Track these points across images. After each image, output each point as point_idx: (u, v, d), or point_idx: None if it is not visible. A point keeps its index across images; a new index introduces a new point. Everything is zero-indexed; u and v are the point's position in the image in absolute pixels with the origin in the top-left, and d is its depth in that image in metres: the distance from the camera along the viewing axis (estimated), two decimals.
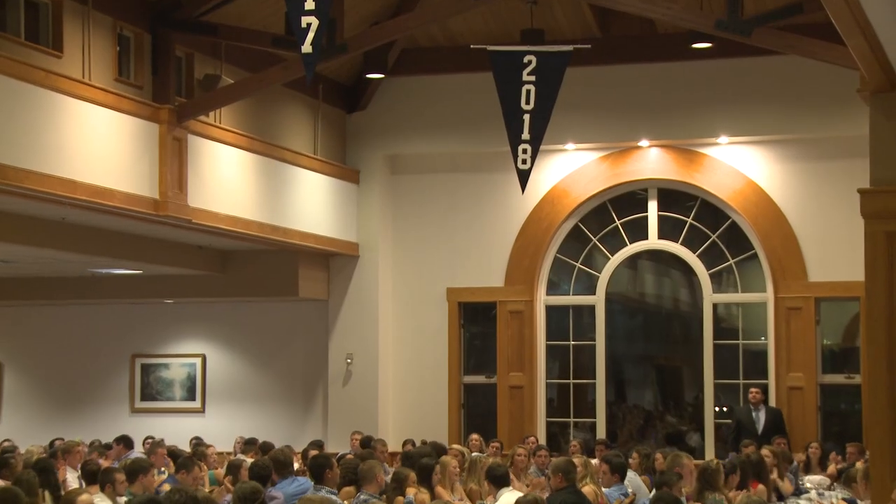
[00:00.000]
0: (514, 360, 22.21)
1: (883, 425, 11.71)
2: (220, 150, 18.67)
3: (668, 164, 21.67)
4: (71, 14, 16.42)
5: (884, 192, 11.76)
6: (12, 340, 24.13)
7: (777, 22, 16.14)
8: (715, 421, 21.76)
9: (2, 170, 14.44)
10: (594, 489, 13.30)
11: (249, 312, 22.92)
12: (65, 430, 21.40)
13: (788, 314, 21.25)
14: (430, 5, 19.07)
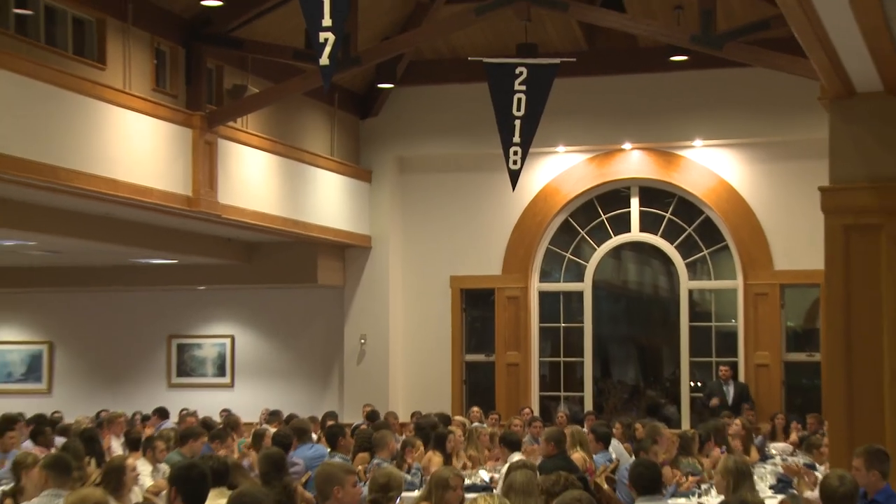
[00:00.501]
0: (510, 340, 22.23)
1: (839, 398, 11.74)
2: (247, 152, 18.69)
3: (649, 165, 21.67)
4: (113, 30, 16.47)
5: (841, 190, 11.77)
6: (62, 323, 24.14)
7: (746, 37, 16.14)
8: (690, 394, 21.80)
9: (52, 170, 14.48)
10: (583, 456, 13.31)
11: (273, 298, 22.90)
12: (109, 403, 21.45)
13: (756, 299, 21.27)
14: (435, 22, 19.09)
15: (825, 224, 11.88)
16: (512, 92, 16.70)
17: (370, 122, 22.48)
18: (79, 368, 24.08)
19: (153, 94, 16.98)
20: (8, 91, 13.94)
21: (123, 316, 23.69)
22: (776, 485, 12.64)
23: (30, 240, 18.05)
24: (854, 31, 9.54)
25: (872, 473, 9.49)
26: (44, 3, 15.64)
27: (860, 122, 11.74)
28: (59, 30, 15.96)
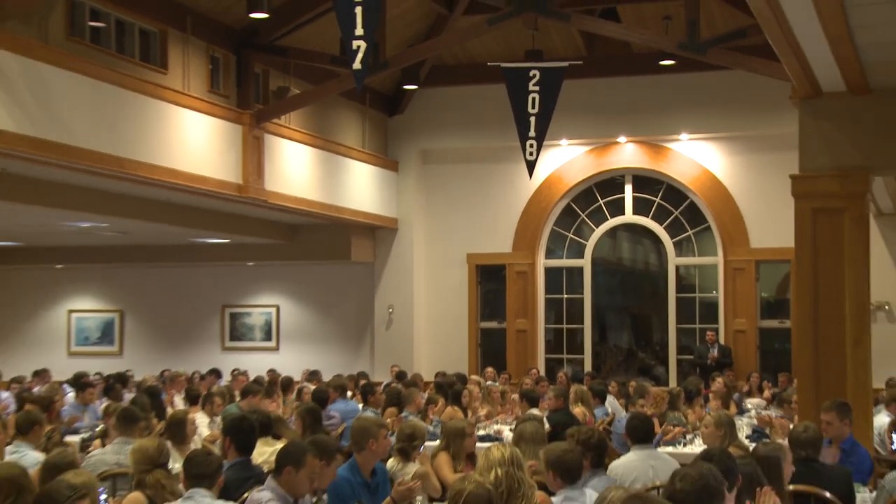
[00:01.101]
0: (519, 309, 22.24)
1: (807, 359, 11.75)
2: (289, 145, 18.72)
3: (641, 156, 21.61)
4: (174, 40, 16.51)
5: (810, 178, 11.78)
6: (130, 294, 24.22)
7: (727, 44, 16.11)
8: (677, 357, 21.82)
9: (121, 161, 14.56)
10: (584, 410, 13.33)
11: (312, 272, 22.91)
12: (171, 363, 21.49)
13: (734, 273, 21.25)
14: (453, 31, 19.07)
15: (795, 207, 11.89)
16: (527, 92, 16.74)
17: (397, 119, 22.47)
18: (145, 333, 24.21)
19: (208, 95, 17.05)
20: (83, 93, 14.02)
21: (183, 288, 23.80)
22: (751, 434, 12.66)
23: (102, 222, 18.12)
24: (821, 40, 9.55)
25: (844, 423, 9.53)
26: (114, 16, 15.68)
27: (826, 118, 11.73)
28: (127, 40, 16.00)
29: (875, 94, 11.50)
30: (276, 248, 21.88)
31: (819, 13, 8.69)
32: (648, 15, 18.93)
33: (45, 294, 24.45)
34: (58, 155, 13.61)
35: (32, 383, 18.18)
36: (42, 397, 13.87)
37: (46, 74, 13.46)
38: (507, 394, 15.83)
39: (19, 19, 13.40)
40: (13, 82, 12.91)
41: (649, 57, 19.50)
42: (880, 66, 10.77)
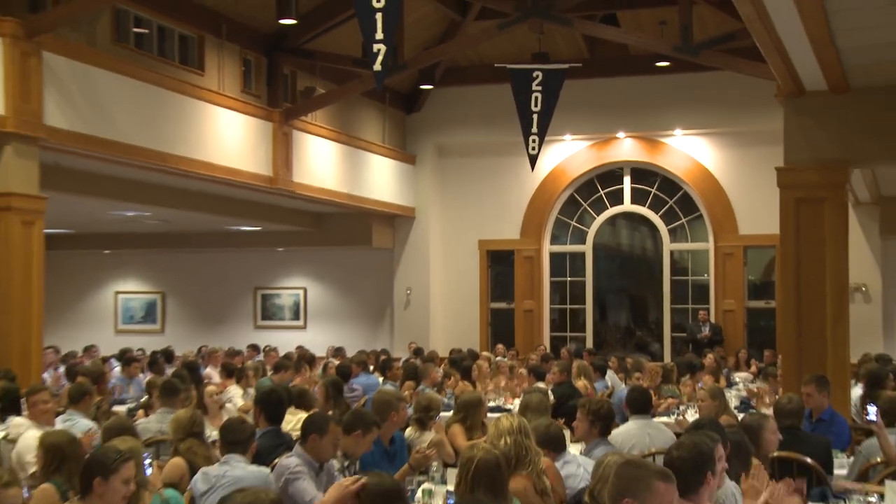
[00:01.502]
0: (526, 291, 22.25)
1: (790, 337, 11.79)
2: (315, 141, 18.74)
3: (638, 150, 21.59)
4: (210, 44, 16.57)
5: (793, 170, 11.79)
6: (171, 276, 24.28)
7: (717, 46, 16.08)
8: (671, 334, 21.83)
9: (162, 156, 14.62)
10: (585, 383, 13.36)
11: (337, 257, 22.93)
12: (208, 340, 21.58)
13: (724, 258, 21.24)
14: (465, 36, 19.06)
15: (780, 197, 11.91)
16: (530, 91, 16.73)
17: (414, 116, 22.48)
18: (184, 313, 24.27)
19: (241, 94, 17.10)
20: (128, 93, 14.08)
21: (218, 271, 23.85)
22: (739, 405, 12.72)
23: (146, 211, 18.22)
24: (804, 43, 9.54)
25: (823, 395, 9.57)
26: (156, 23, 15.75)
27: (809, 115, 11.73)
28: (167, 44, 16.06)
29: (854, 93, 11.51)
30: (303, 235, 21.91)
31: (803, 19, 8.68)
32: (645, 20, 18.89)
33: (93, 277, 24.54)
34: (105, 150, 13.69)
35: (82, 358, 18.27)
36: (91, 370, 13.91)
37: (95, 76, 13.54)
38: (515, 368, 15.89)
39: (70, 26, 13.46)
40: (65, 84, 12.98)
41: (646, 59, 19.44)
42: (859, 68, 10.77)
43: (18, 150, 12.32)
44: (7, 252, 12.27)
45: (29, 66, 12.35)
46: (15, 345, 12.30)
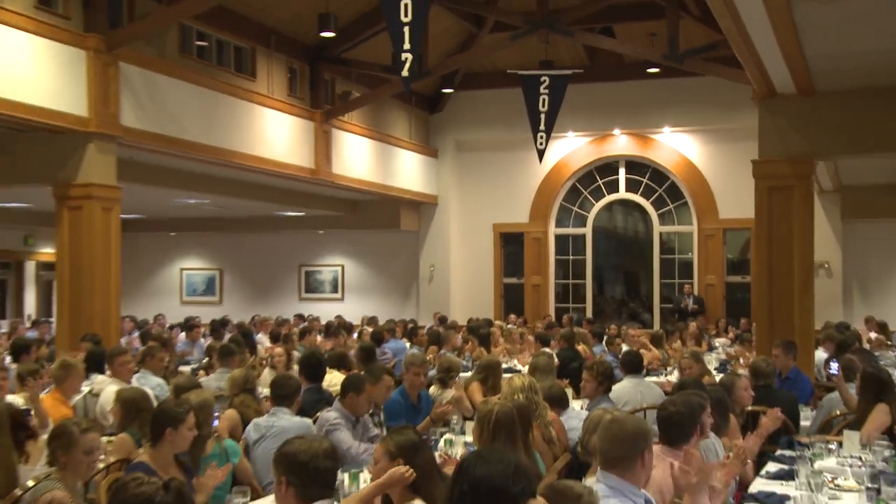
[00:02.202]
0: (534, 268, 22.27)
1: (763, 307, 11.79)
2: (351, 138, 18.81)
3: (632, 145, 21.54)
4: (261, 54, 16.62)
5: (767, 162, 11.79)
6: (227, 255, 24.36)
7: (701, 55, 16.08)
8: (660, 305, 21.84)
9: (219, 151, 14.72)
10: (584, 348, 13.38)
11: (370, 238, 22.98)
12: (259, 310, 21.70)
13: (706, 239, 21.22)
14: (481, 46, 19.06)
15: (755, 186, 11.92)
16: (538, 94, 16.81)
17: (436, 115, 22.46)
18: (239, 286, 24.36)
19: (287, 98, 17.16)
20: (190, 96, 14.19)
21: (268, 251, 23.90)
22: (719, 367, 12.73)
23: (205, 199, 18.30)
24: (776, 52, 9.55)
25: (789, 357, 9.63)
26: (215, 37, 15.81)
27: (780, 114, 11.72)
28: (224, 55, 16.11)
29: (819, 96, 11.50)
30: (340, 219, 21.93)
31: (775, 31, 8.70)
32: (637, 32, 18.85)
33: (162, 256, 24.64)
34: (172, 146, 13.81)
35: (153, 325, 18.43)
36: (161, 336, 14.08)
37: (163, 83, 13.65)
38: (524, 335, 15.92)
39: (143, 40, 13.53)
40: (137, 89, 13.09)
41: (638, 66, 19.43)
42: (823, 74, 10.76)
43: (99, 147, 12.46)
44: (89, 235, 12.42)
45: (108, 75, 12.48)
46: (97, 314, 12.45)
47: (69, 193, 12.44)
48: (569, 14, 16.98)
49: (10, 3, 11.38)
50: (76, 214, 12.47)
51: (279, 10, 16.33)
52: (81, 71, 12.20)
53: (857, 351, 9.83)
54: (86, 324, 12.27)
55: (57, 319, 13.34)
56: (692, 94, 19.80)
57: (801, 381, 9.53)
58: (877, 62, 10.31)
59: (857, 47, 9.70)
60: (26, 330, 17.51)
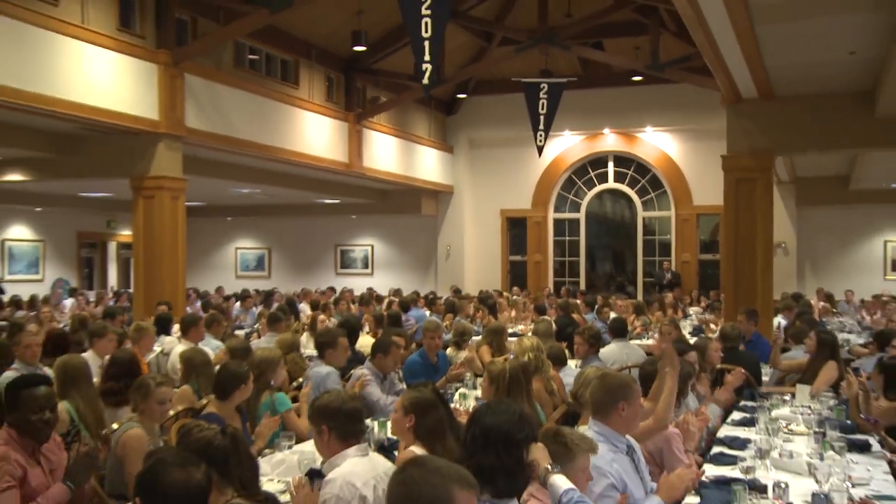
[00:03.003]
0: (535, 247, 22.27)
1: (730, 281, 11.85)
2: (380, 136, 18.84)
3: (619, 142, 21.50)
4: (304, 66, 16.67)
5: (734, 157, 11.83)
6: (274, 236, 24.43)
7: (678, 65, 16.06)
8: (643, 279, 21.87)
9: (269, 148, 14.84)
10: (579, 317, 13.41)
11: (396, 222, 22.98)
12: (302, 283, 21.83)
13: (682, 222, 21.20)
14: (490, 58, 19.03)
15: (724, 178, 11.95)
16: (539, 99, 16.80)
17: (452, 117, 22.42)
18: (285, 263, 24.41)
19: (325, 103, 17.20)
20: (244, 102, 14.29)
21: (309, 232, 23.92)
22: (692, 331, 12.75)
23: (256, 188, 18.39)
24: (742, 63, 9.58)
25: (751, 323, 9.68)
26: (265, 51, 15.86)
27: (745, 116, 11.74)
28: (272, 66, 16.15)
29: (777, 100, 11.53)
30: (370, 206, 21.95)
31: (741, 46, 8.73)
32: (624, 46, 18.77)
33: (220, 237, 24.72)
34: (228, 144, 13.91)
35: (214, 295, 18.59)
36: (220, 305, 14.23)
37: (220, 91, 13.75)
38: (527, 304, 15.98)
39: (204, 55, 13.61)
40: (199, 96, 13.18)
41: (625, 74, 19.31)
42: (781, 82, 10.78)
43: (168, 145, 12.58)
44: (160, 220, 12.55)
45: (175, 85, 12.59)
46: (166, 287, 12.59)
47: (143, 185, 12.58)
48: (565, 30, 16.94)
49: (96, 26, 11.62)
50: (149, 202, 12.60)
51: (318, 28, 16.36)
52: (153, 81, 12.33)
53: (806, 320, 9.87)
54: (157, 294, 12.42)
55: (134, 290, 13.52)
56: (671, 99, 19.72)
57: (761, 344, 9.56)
58: (826, 72, 10.33)
59: (809, 59, 9.71)
60: (109, 299, 17.71)
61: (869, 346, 10.42)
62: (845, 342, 11.38)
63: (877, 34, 8.54)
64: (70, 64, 10.99)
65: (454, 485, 2.42)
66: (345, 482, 3.71)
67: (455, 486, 2.42)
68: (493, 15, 18.28)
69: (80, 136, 12.92)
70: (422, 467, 2.48)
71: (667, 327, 10.06)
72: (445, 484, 2.41)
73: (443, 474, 2.43)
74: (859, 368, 8.23)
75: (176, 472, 2.75)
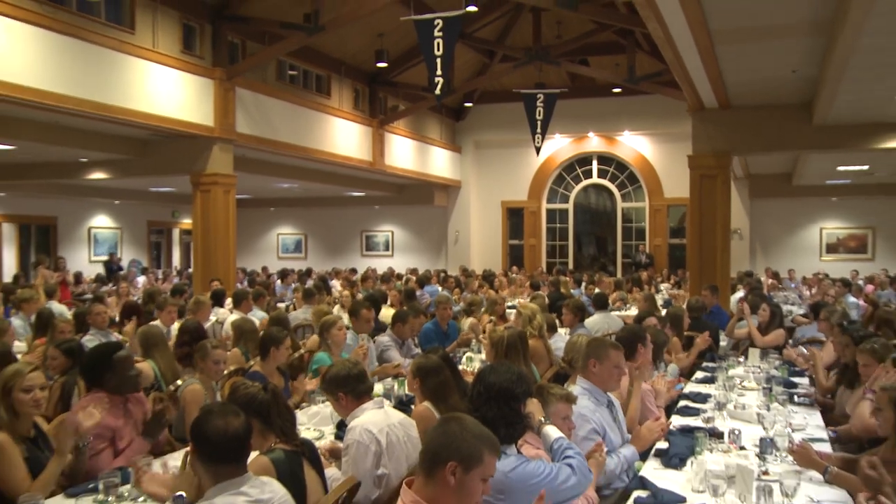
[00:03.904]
0: (531, 233, 22.24)
1: (695, 261, 11.86)
2: (399, 139, 18.80)
3: (602, 144, 21.40)
4: (334, 80, 16.61)
5: (698, 157, 11.84)
6: (309, 224, 24.34)
7: (651, 79, 16.02)
8: (622, 260, 21.87)
9: (305, 150, 14.86)
10: (567, 290, 13.48)
11: (412, 211, 22.91)
12: (333, 263, 21.93)
13: (655, 212, 21.16)
14: (493, 72, 18.97)
15: (690, 174, 11.98)
16: (535, 107, 16.78)
17: (460, 123, 22.33)
18: (319, 246, 24.34)
19: (353, 110, 17.19)
20: (285, 111, 14.33)
21: (338, 220, 23.75)
22: (664, 304, 12.78)
23: (295, 183, 18.43)
24: (704, 78, 9.60)
25: (713, 297, 9.73)
26: (302, 68, 15.84)
27: (707, 122, 11.75)
28: (308, 80, 16.10)
29: (733, 109, 11.54)
30: (390, 198, 21.94)
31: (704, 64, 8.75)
32: (606, 62, 18.69)
33: (264, 224, 24.64)
34: (271, 146, 13.96)
35: (261, 274, 18.70)
36: (264, 281, 14.32)
37: (265, 101, 13.80)
38: (524, 281, 16.02)
39: (251, 72, 13.65)
40: (247, 106, 13.25)
41: (606, 87, 19.28)
42: (736, 94, 10.79)
43: (221, 147, 12.67)
44: (214, 211, 12.66)
45: (228, 97, 12.68)
46: (219, 267, 12.70)
47: (201, 181, 12.68)
48: (556, 49, 16.89)
49: (164, 49, 11.87)
50: (205, 196, 12.70)
51: (347, 48, 16.35)
52: (210, 94, 12.44)
53: (758, 294, 9.93)
54: (212, 273, 12.54)
55: (193, 269, 13.64)
56: (645, 108, 19.66)
57: (721, 314, 9.63)
58: (773, 86, 10.35)
59: (759, 75, 9.73)
60: (174, 277, 17.88)
61: (808, 316, 10.50)
62: (789, 313, 11.44)
63: (814, 55, 8.60)
64: (143, 81, 11.19)
65: (485, 449, 2.45)
66: (363, 429, 3.79)
67: (486, 450, 2.45)
68: (495, 36, 18.22)
69: (150, 141, 13.07)
70: (462, 425, 2.49)
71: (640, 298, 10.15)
72: (479, 446, 2.44)
73: (478, 436, 2.46)
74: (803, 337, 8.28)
75: (218, 420, 2.83)
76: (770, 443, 4.16)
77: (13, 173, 15.31)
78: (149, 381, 5.45)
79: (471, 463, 2.40)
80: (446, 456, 2.39)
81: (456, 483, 2.37)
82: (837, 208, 20.50)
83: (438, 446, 2.44)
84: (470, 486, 2.39)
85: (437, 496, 2.39)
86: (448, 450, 2.41)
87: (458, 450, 2.40)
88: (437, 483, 2.39)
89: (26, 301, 8.98)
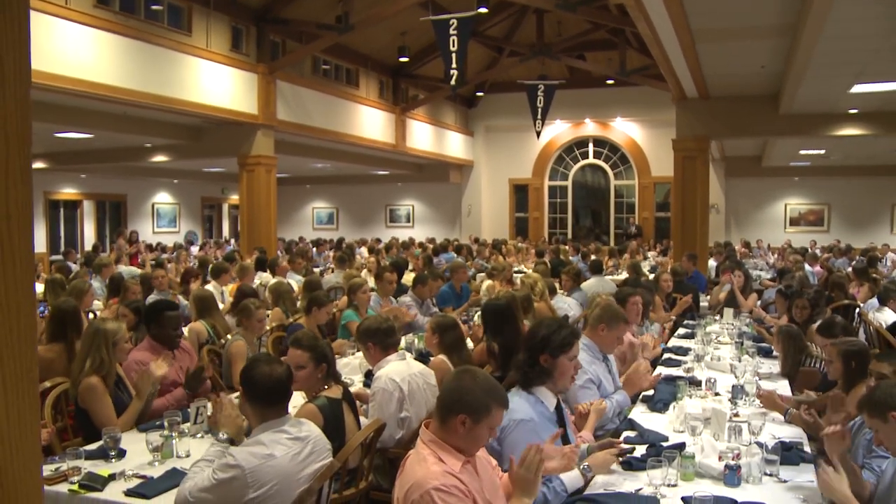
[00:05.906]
0: (534, 206, 22.18)
1: (678, 232, 11.81)
2: (418, 124, 18.71)
3: (597, 129, 21.25)
4: (362, 73, 16.34)
5: (681, 140, 11.74)
6: (340, 199, 24.26)
7: (640, 72, 15.85)
8: (615, 231, 21.81)
9: (337, 134, 14.85)
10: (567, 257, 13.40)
11: (431, 188, 22.82)
12: (360, 234, 21.99)
13: (643, 189, 21.07)
14: (501, 65, 18.84)
15: (674, 156, 11.88)
16: (537, 96, 16.73)
17: (473, 110, 22.19)
18: (348, 219, 24.27)
19: (378, 100, 17.13)
20: (320, 100, 14.30)
21: (365, 195, 23.74)
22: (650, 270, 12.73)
23: (328, 163, 18.34)
24: (686, 72, 9.51)
25: (692, 263, 9.71)
26: (334, 63, 15.74)
27: (689, 110, 11.64)
28: (340, 73, 15.85)
29: (712, 99, 11.42)
30: (410, 176, 21.84)
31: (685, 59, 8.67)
32: (600, 57, 18.48)
33: (300, 200, 24.59)
34: (307, 132, 13.99)
35: (299, 243, 18.75)
36: (301, 249, 14.39)
37: (303, 92, 13.82)
38: (528, 249, 16.03)
39: (290, 66, 13.62)
40: (287, 96, 13.25)
41: (601, 78, 19.06)
42: (714, 86, 10.68)
43: (264, 132, 12.73)
44: (258, 189, 12.74)
45: (270, 89, 12.70)
46: (262, 236, 12.82)
47: (246, 162, 12.76)
48: (557, 46, 16.74)
49: (216, 48, 12.00)
50: (251, 175, 12.77)
51: (373, 44, 16.24)
52: (254, 86, 12.48)
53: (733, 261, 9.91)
54: (256, 242, 12.66)
55: (240, 239, 13.75)
56: (635, 97, 19.45)
57: (700, 279, 9.64)
58: (745, 80, 10.27)
59: (733, 70, 9.66)
60: (226, 244, 18.01)
61: (774, 280, 10.58)
62: (757, 277, 11.50)
63: (779, 54, 8.59)
64: (197, 76, 11.33)
65: (493, 402, 2.43)
66: (388, 378, 3.82)
67: (494, 403, 2.43)
68: (503, 34, 18.05)
69: (203, 128, 13.13)
70: (474, 378, 2.47)
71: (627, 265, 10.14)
72: (488, 398, 2.42)
73: (487, 391, 2.43)
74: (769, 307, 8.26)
75: (264, 367, 2.88)
76: (741, 389, 4.20)
77: (91, 158, 15.58)
78: (203, 338, 5.53)
79: (479, 415, 2.41)
80: (458, 409, 2.40)
81: (465, 431, 2.41)
82: (799, 187, 20.52)
83: (451, 400, 2.43)
84: (478, 433, 2.42)
85: (449, 438, 2.44)
86: (460, 403, 2.41)
87: (468, 404, 2.40)
88: (450, 429, 2.42)
89: (105, 266, 9.30)
